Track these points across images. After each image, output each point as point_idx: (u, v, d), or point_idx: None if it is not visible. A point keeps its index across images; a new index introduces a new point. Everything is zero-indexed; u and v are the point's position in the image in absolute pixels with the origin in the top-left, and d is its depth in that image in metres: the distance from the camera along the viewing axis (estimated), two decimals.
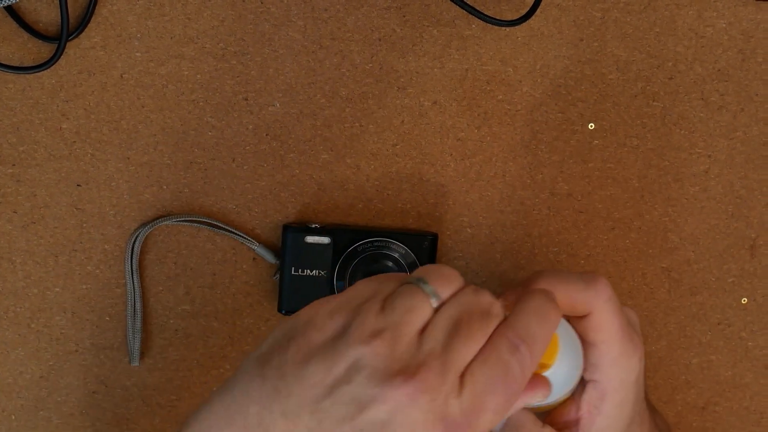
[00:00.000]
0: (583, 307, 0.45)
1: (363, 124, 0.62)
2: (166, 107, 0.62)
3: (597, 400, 0.47)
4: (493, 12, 0.61)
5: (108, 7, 0.62)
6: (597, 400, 0.47)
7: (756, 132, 0.63)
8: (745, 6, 0.62)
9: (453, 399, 0.39)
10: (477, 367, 0.39)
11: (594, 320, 0.46)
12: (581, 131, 0.63)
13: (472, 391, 0.39)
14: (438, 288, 0.41)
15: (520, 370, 0.40)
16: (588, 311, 0.45)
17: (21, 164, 0.62)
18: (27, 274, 0.63)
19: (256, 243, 0.62)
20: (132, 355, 0.62)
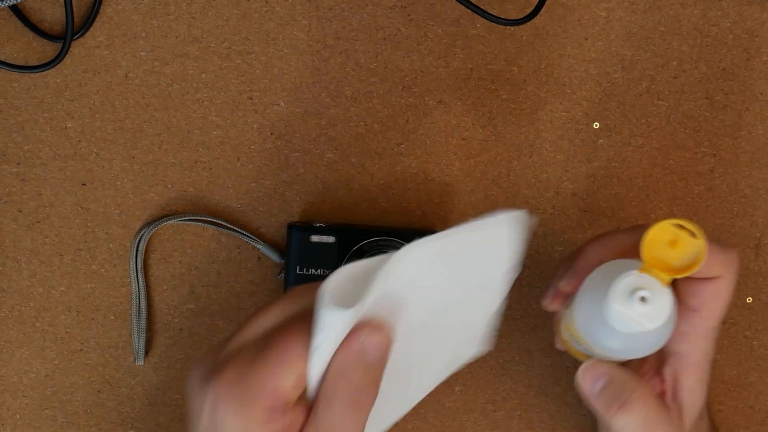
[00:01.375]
0: (717, 269, 0.45)
1: (368, 123, 0.62)
2: (170, 106, 0.62)
3: (681, 373, 0.47)
4: (497, 11, 0.61)
5: (113, 7, 0.62)
6: (681, 372, 0.47)
7: (761, 131, 0.63)
8: (750, 5, 0.62)
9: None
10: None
11: (716, 286, 0.45)
12: (586, 130, 0.63)
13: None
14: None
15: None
16: (719, 275, 0.45)
17: (26, 163, 0.62)
18: (32, 273, 0.63)
19: (261, 242, 0.62)
20: (137, 354, 0.62)
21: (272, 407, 0.38)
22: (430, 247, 0.43)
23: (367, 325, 0.41)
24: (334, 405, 0.40)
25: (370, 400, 0.41)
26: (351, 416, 0.40)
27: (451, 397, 0.63)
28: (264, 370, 0.38)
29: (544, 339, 0.63)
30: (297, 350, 0.39)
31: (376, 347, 0.40)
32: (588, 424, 0.64)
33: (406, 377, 0.48)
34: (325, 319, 0.40)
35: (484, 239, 0.45)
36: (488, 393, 0.64)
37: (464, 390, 0.63)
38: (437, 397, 0.63)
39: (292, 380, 0.39)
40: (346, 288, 0.42)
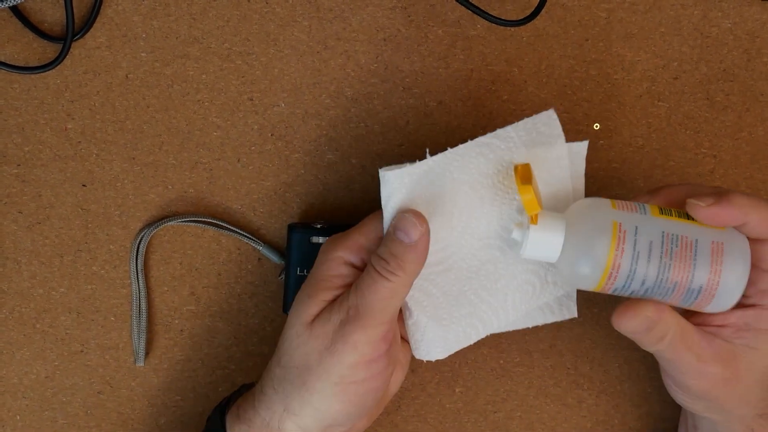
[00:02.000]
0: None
1: (368, 125, 0.62)
2: (171, 107, 0.62)
3: (757, 327, 0.50)
4: (498, 12, 0.61)
5: (113, 7, 0.62)
6: (757, 326, 0.50)
7: (761, 132, 0.63)
8: (751, 6, 0.62)
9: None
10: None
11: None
12: (586, 131, 0.63)
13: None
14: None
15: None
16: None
17: (26, 164, 0.62)
18: (32, 275, 0.63)
19: (261, 243, 0.62)
20: (137, 356, 0.62)
21: (351, 247, 0.51)
22: (484, 146, 0.52)
23: (411, 210, 0.50)
24: (367, 269, 0.49)
25: (399, 272, 0.49)
26: (378, 281, 0.48)
27: (451, 398, 0.63)
28: (356, 226, 0.53)
29: (545, 340, 0.63)
30: (376, 218, 0.52)
31: (411, 226, 0.49)
32: (588, 425, 0.64)
33: (484, 283, 0.55)
34: (387, 180, 0.51)
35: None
36: (488, 394, 0.64)
37: (464, 391, 0.63)
38: (437, 398, 0.63)
39: (373, 231, 0.51)
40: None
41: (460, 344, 0.55)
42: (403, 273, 0.49)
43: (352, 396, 0.49)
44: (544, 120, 0.53)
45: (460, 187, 0.53)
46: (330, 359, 0.49)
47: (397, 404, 0.64)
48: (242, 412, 0.52)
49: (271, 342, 0.63)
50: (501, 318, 0.56)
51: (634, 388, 0.63)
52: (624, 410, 0.64)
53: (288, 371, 0.50)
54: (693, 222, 0.50)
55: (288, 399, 0.50)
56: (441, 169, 0.52)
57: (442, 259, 0.54)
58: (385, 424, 0.64)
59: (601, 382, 0.63)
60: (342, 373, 0.49)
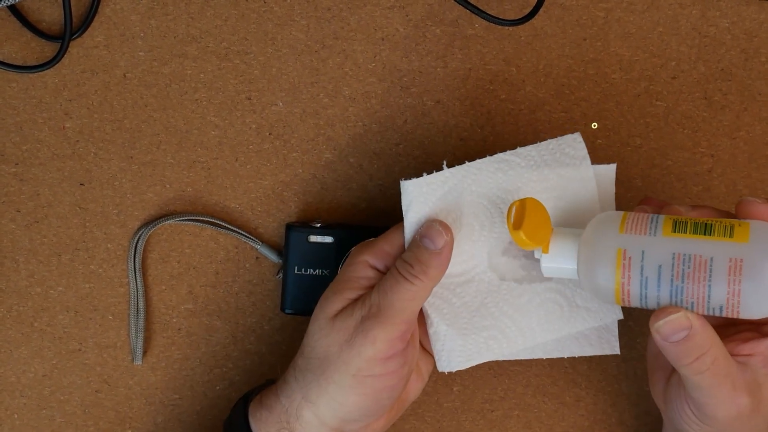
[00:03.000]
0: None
1: (366, 124, 0.62)
2: (169, 106, 0.62)
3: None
4: (496, 11, 0.61)
5: (111, 7, 0.62)
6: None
7: (759, 131, 0.63)
8: (749, 5, 0.62)
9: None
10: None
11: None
12: (584, 131, 0.63)
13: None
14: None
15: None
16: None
17: (24, 163, 0.62)
18: (30, 273, 0.63)
19: (259, 242, 0.62)
20: (135, 354, 0.62)
21: (377, 253, 0.53)
22: (508, 162, 0.54)
23: (437, 219, 0.53)
24: (392, 271, 0.52)
25: (422, 276, 0.51)
26: (401, 283, 0.51)
27: (449, 396, 0.64)
28: (384, 234, 0.55)
29: None
30: (401, 227, 0.54)
31: (436, 234, 0.51)
32: (586, 424, 0.64)
33: (506, 297, 0.55)
34: (407, 189, 0.53)
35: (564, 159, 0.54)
36: (486, 393, 0.64)
37: (462, 390, 0.64)
38: (435, 397, 0.63)
39: (398, 239, 0.54)
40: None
41: (483, 357, 0.55)
42: (425, 277, 0.51)
43: (368, 389, 0.51)
44: (569, 142, 0.54)
45: (480, 201, 0.54)
46: (349, 351, 0.51)
47: None
48: (264, 398, 0.54)
49: (269, 341, 0.63)
50: (527, 337, 0.55)
51: (632, 386, 0.63)
52: (622, 409, 0.64)
53: (309, 362, 0.52)
54: (711, 237, 0.48)
55: (307, 388, 0.52)
56: (458, 181, 0.53)
57: (463, 271, 0.55)
58: None
59: (599, 380, 0.64)
60: (359, 365, 0.51)
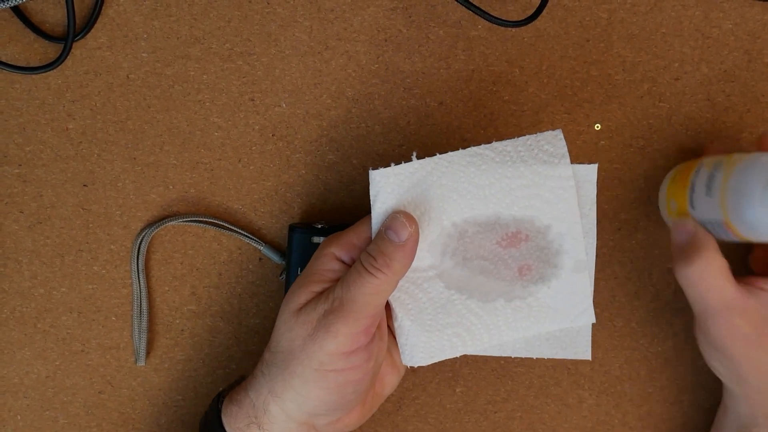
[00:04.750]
0: None
1: (369, 125, 0.62)
2: (172, 107, 0.62)
3: None
4: (499, 13, 0.61)
5: (114, 8, 0.62)
6: None
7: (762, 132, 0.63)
8: (752, 7, 0.62)
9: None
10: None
11: None
12: (587, 132, 0.63)
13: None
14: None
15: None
16: None
17: (27, 164, 0.62)
18: (33, 274, 0.63)
19: (262, 243, 0.62)
20: (138, 355, 0.62)
21: (343, 246, 0.53)
22: (479, 154, 0.52)
23: (402, 211, 0.52)
24: (356, 264, 0.51)
25: (386, 270, 0.50)
26: (364, 277, 0.50)
27: (452, 398, 0.63)
28: (352, 226, 0.54)
29: None
30: (369, 219, 0.53)
31: (400, 226, 0.51)
32: (589, 426, 0.64)
33: (474, 294, 0.54)
34: (374, 178, 0.52)
35: (537, 153, 0.53)
36: (489, 394, 0.64)
37: (465, 391, 0.63)
38: (438, 399, 0.63)
39: (366, 231, 0.53)
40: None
41: (446, 354, 0.55)
42: (389, 271, 0.50)
43: (331, 383, 0.51)
44: (548, 139, 0.53)
45: (449, 194, 0.53)
46: (312, 345, 0.51)
47: (398, 404, 0.64)
48: (234, 394, 0.54)
49: None
50: (494, 335, 0.55)
51: (635, 388, 0.63)
52: (625, 410, 0.64)
53: (275, 356, 0.52)
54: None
55: (273, 382, 0.52)
56: (426, 172, 0.52)
57: (430, 265, 0.54)
58: (386, 424, 0.64)
59: (601, 382, 0.64)
60: (322, 359, 0.50)
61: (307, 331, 0.51)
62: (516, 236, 0.54)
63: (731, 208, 0.51)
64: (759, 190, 0.50)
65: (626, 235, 0.63)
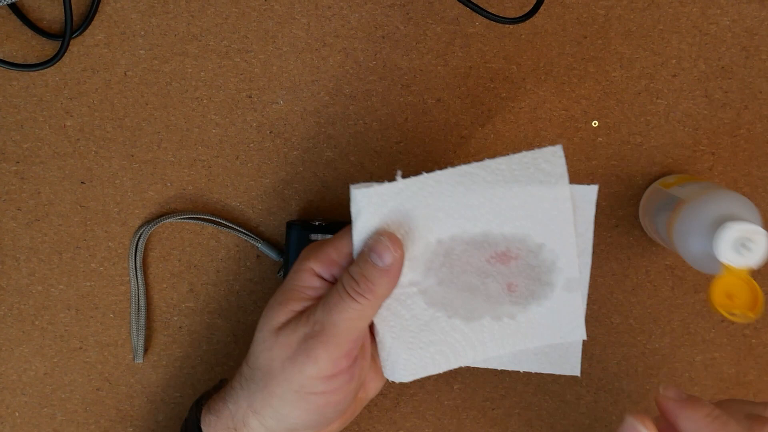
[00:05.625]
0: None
1: (367, 122, 0.62)
2: (169, 105, 0.62)
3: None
4: (496, 9, 0.61)
5: (112, 5, 0.62)
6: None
7: (759, 129, 0.63)
8: (749, 3, 0.62)
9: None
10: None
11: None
12: (585, 128, 0.63)
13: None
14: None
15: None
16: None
17: (25, 161, 0.62)
18: (31, 272, 0.63)
19: (260, 240, 0.62)
20: (136, 352, 0.63)
21: (323, 262, 0.51)
22: (467, 173, 0.50)
23: (386, 233, 0.50)
24: (337, 287, 0.49)
25: (368, 295, 0.48)
26: (346, 301, 0.48)
27: (450, 395, 0.64)
28: (331, 238, 0.52)
29: None
30: (348, 233, 0.51)
31: (384, 250, 0.49)
32: (586, 422, 0.64)
33: (459, 311, 0.52)
34: (356, 198, 0.50)
35: (531, 171, 0.50)
36: (487, 391, 0.64)
37: (463, 388, 0.64)
38: (436, 395, 0.64)
39: (346, 247, 0.51)
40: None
41: (428, 371, 0.53)
42: (372, 296, 0.49)
43: (312, 405, 0.50)
44: (547, 156, 0.49)
45: (435, 213, 0.50)
46: (291, 369, 0.49)
47: (396, 401, 0.64)
48: (213, 403, 0.53)
49: None
50: (478, 351, 0.53)
51: (633, 385, 0.63)
52: (622, 407, 0.64)
53: (254, 372, 0.51)
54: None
55: (252, 398, 0.51)
56: (412, 192, 0.50)
57: (413, 282, 0.51)
58: (384, 421, 0.64)
59: (599, 379, 0.64)
60: (302, 382, 0.49)
61: (287, 353, 0.49)
62: (505, 255, 0.51)
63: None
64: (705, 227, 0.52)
65: (623, 231, 0.63)
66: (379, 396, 0.64)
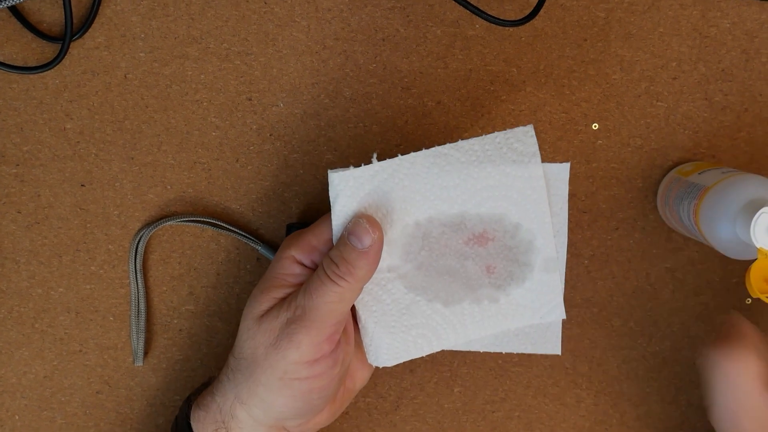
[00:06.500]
0: None
1: (367, 125, 0.62)
2: (169, 107, 0.62)
3: None
4: (496, 12, 0.61)
5: (112, 8, 0.62)
6: None
7: (760, 132, 0.63)
8: (749, 6, 0.62)
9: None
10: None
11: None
12: (585, 131, 0.63)
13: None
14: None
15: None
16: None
17: (25, 164, 0.62)
18: (31, 274, 0.63)
19: (260, 243, 0.62)
20: (136, 355, 0.62)
21: (303, 248, 0.52)
22: (441, 154, 0.51)
23: (365, 215, 0.50)
24: (318, 271, 0.50)
25: (348, 278, 0.49)
26: (326, 285, 0.49)
27: (450, 398, 0.63)
28: (311, 226, 0.53)
29: None
30: (328, 219, 0.52)
31: (363, 232, 0.49)
32: (587, 425, 0.64)
33: (439, 294, 0.53)
34: (333, 181, 0.50)
35: (503, 151, 0.51)
36: (487, 394, 0.64)
37: (463, 391, 0.63)
38: (436, 398, 0.63)
39: (326, 233, 0.51)
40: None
41: (411, 354, 0.54)
42: (352, 279, 0.49)
43: (296, 392, 0.50)
44: (518, 136, 0.51)
45: (411, 196, 0.51)
46: (275, 355, 0.50)
47: (396, 404, 0.64)
48: (201, 399, 0.54)
49: None
50: (459, 333, 0.54)
51: (633, 387, 0.63)
52: (623, 410, 0.64)
53: (239, 362, 0.52)
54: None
55: (238, 388, 0.51)
56: (388, 174, 0.51)
57: (394, 266, 0.53)
58: (384, 423, 0.64)
59: (599, 381, 0.63)
60: (285, 368, 0.49)
61: (270, 339, 0.50)
62: (483, 236, 0.53)
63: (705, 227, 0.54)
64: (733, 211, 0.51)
65: (624, 234, 0.63)
66: (379, 399, 0.64)
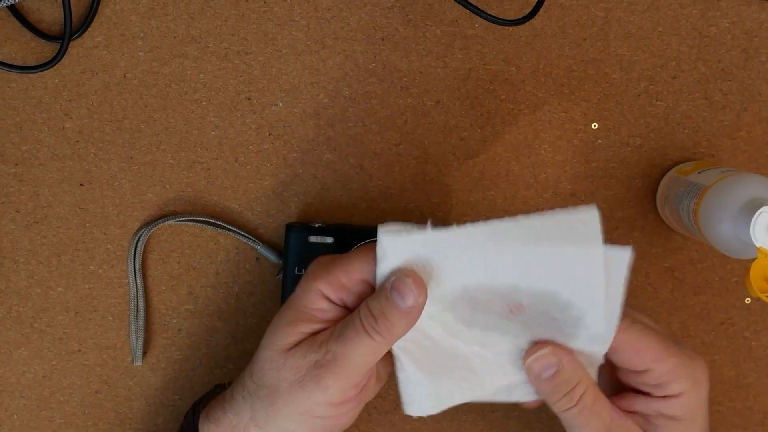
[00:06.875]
0: (678, 386, 0.51)
1: (366, 124, 0.62)
2: (169, 107, 0.62)
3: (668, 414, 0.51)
4: (496, 11, 0.61)
5: (111, 7, 0.62)
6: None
7: (759, 131, 0.63)
8: (749, 5, 0.62)
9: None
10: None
11: (681, 402, 0.52)
12: (584, 131, 0.63)
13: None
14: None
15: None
16: (681, 392, 0.51)
17: (24, 164, 0.62)
18: (30, 274, 0.63)
19: (259, 242, 0.62)
20: (135, 355, 0.62)
21: (332, 285, 0.49)
22: (497, 230, 0.48)
23: (412, 273, 0.48)
24: (354, 320, 0.48)
25: (385, 334, 0.47)
26: (361, 336, 0.47)
27: None
28: (341, 260, 0.50)
29: None
30: (367, 255, 0.49)
31: (408, 291, 0.47)
32: None
33: (479, 338, 0.51)
34: (382, 243, 0.48)
35: (565, 230, 0.48)
36: None
37: None
38: None
39: (357, 273, 0.49)
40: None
41: (455, 400, 0.52)
42: (389, 335, 0.47)
43: (318, 427, 0.50)
44: (582, 218, 0.48)
45: (463, 266, 0.49)
46: (300, 393, 0.48)
47: (396, 403, 0.64)
48: (212, 411, 0.52)
49: None
50: (498, 378, 0.52)
51: None
52: None
53: (259, 389, 0.50)
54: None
55: (255, 411, 0.50)
56: (442, 245, 0.48)
57: (434, 314, 0.50)
58: (384, 423, 0.64)
59: None
60: (309, 407, 0.48)
61: (296, 376, 0.48)
62: (530, 306, 0.50)
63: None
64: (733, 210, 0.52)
65: (623, 233, 0.63)
66: (378, 398, 0.64)
